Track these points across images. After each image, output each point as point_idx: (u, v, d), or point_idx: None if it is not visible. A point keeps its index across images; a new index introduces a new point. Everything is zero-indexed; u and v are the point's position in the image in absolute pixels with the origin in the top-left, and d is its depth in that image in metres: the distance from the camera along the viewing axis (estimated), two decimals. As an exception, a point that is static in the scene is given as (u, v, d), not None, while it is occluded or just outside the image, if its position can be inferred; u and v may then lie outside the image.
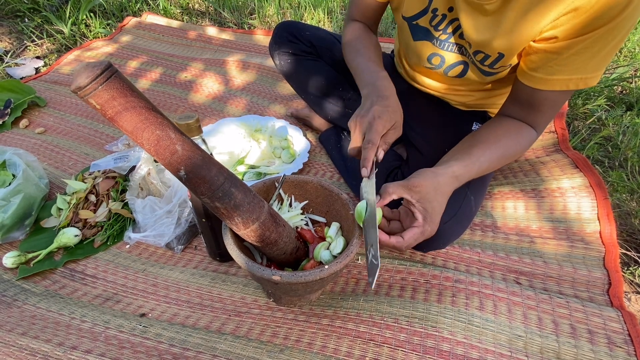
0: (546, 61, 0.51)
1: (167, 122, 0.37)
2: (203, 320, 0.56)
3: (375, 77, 0.62)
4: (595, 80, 0.51)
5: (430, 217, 0.50)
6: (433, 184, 0.51)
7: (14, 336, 0.53)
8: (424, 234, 0.51)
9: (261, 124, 0.97)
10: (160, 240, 0.68)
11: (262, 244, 0.48)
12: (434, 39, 0.64)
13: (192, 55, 1.33)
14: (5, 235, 0.68)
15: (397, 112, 0.56)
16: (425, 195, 0.50)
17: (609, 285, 0.61)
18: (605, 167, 0.90)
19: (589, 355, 0.51)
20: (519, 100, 0.58)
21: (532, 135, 0.59)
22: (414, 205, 0.50)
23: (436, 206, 0.51)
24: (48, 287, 0.63)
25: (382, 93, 0.58)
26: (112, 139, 0.97)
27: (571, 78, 0.51)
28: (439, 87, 0.73)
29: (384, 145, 0.53)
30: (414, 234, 0.50)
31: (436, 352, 0.50)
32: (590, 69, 0.50)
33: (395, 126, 0.55)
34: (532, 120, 0.58)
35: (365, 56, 0.68)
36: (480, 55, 0.58)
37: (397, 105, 0.57)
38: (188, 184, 0.40)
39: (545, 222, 0.72)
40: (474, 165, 0.56)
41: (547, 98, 0.55)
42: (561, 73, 0.51)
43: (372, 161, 0.50)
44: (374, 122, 0.52)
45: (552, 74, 0.52)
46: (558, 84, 0.52)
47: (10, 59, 1.33)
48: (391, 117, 0.54)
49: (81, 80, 0.32)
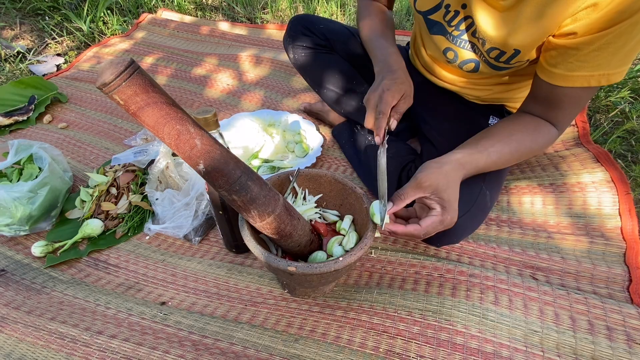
0: (566, 57, 0.50)
1: (186, 117, 0.38)
2: (220, 310, 0.58)
3: (385, 53, 0.66)
4: (619, 76, 0.49)
5: (448, 204, 0.49)
6: (442, 174, 0.50)
7: (43, 321, 0.56)
8: (444, 222, 0.49)
9: (275, 119, 0.97)
10: (178, 231, 0.70)
11: (278, 236, 0.49)
12: (447, 34, 0.63)
13: (207, 50, 1.35)
14: (33, 225, 0.72)
15: (405, 83, 0.60)
16: (437, 185, 0.49)
17: (630, 282, 0.60)
18: (628, 162, 0.87)
19: (606, 351, 0.50)
20: (538, 97, 0.57)
21: (551, 132, 0.57)
22: (429, 198, 0.50)
23: (452, 193, 0.50)
24: (74, 275, 0.66)
25: (391, 68, 0.62)
26: (130, 134, 1.00)
27: (593, 74, 0.49)
28: (455, 79, 0.72)
29: (395, 115, 0.58)
30: (432, 222, 0.49)
31: (450, 345, 0.51)
32: (614, 65, 0.48)
33: (404, 96, 0.59)
34: (553, 118, 0.57)
35: (377, 32, 0.72)
36: (496, 52, 0.57)
37: (406, 77, 0.61)
38: (206, 177, 0.41)
39: (563, 217, 0.71)
40: (481, 154, 0.55)
41: (567, 95, 0.53)
42: (582, 69, 0.49)
43: (384, 129, 0.56)
44: (383, 94, 0.57)
45: (572, 70, 0.50)
46: (579, 80, 0.50)
47: (33, 57, 1.37)
48: (400, 88, 0.58)
49: (106, 76, 0.33)
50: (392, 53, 0.66)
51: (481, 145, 0.56)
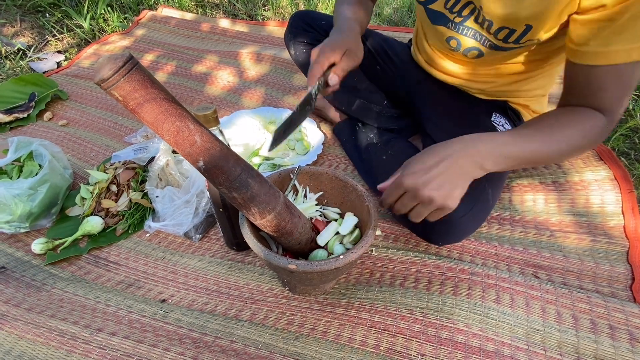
0: (599, 31, 0.44)
1: (186, 114, 0.38)
2: (221, 307, 0.58)
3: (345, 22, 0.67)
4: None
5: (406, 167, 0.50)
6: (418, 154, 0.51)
7: (44, 318, 0.56)
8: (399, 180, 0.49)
9: (275, 116, 0.97)
10: (178, 229, 0.70)
11: (278, 234, 0.49)
12: (449, 22, 0.62)
13: (207, 47, 1.34)
14: (33, 222, 0.72)
15: (349, 42, 0.61)
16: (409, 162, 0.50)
17: (633, 281, 0.59)
18: (632, 159, 0.87)
19: (609, 350, 0.50)
20: (575, 88, 0.50)
21: (598, 118, 0.49)
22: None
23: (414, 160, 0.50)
24: (74, 272, 0.66)
25: (341, 29, 0.65)
26: (131, 131, 1.00)
27: (633, 47, 0.43)
28: (458, 71, 0.71)
29: (337, 71, 0.59)
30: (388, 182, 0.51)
31: (451, 344, 0.50)
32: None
33: (347, 52, 0.60)
34: (599, 104, 0.48)
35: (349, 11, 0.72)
36: (505, 31, 0.54)
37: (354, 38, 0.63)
38: (206, 174, 0.41)
39: (566, 215, 0.71)
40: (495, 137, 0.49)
41: (608, 74, 0.46)
42: (620, 42, 0.43)
43: (315, 78, 0.58)
44: (323, 47, 0.60)
45: (608, 45, 0.44)
46: (618, 55, 0.44)
47: (33, 54, 1.37)
48: (341, 44, 0.60)
49: (104, 72, 0.33)
50: (350, 21, 0.67)
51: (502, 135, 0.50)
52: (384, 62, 0.88)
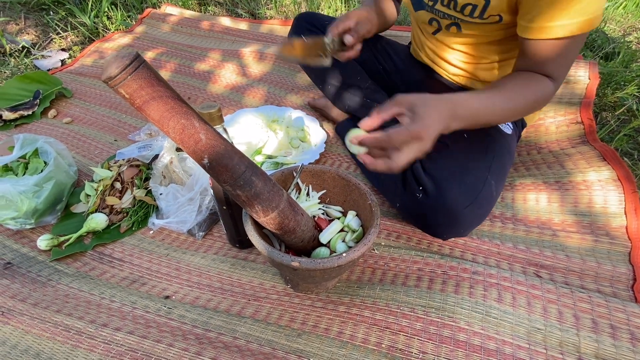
0: (542, 8, 0.49)
1: (191, 112, 0.38)
2: (224, 304, 0.59)
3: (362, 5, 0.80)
4: (599, 19, 0.49)
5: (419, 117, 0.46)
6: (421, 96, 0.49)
7: (49, 313, 0.57)
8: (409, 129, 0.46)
9: (278, 115, 0.97)
10: (182, 226, 0.70)
11: (281, 231, 0.49)
12: (426, 6, 0.67)
13: (210, 46, 1.35)
14: (38, 219, 0.72)
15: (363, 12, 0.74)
16: (414, 102, 0.48)
17: (634, 281, 0.59)
18: (635, 160, 0.86)
19: (610, 350, 0.50)
20: (526, 58, 0.56)
21: (547, 83, 0.56)
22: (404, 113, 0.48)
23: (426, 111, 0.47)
24: (79, 268, 0.67)
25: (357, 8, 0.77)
26: (135, 129, 1.00)
27: (572, 22, 0.49)
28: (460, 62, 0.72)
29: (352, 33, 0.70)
30: (398, 129, 0.46)
31: (452, 342, 0.51)
32: (593, 8, 0.47)
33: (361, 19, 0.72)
34: (546, 71, 0.56)
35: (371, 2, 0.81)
36: (468, 7, 0.58)
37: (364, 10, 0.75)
38: (211, 171, 0.41)
39: (568, 215, 0.71)
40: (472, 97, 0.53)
41: (553, 47, 0.52)
42: (561, 18, 0.49)
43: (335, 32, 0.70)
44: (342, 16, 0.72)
45: (552, 21, 0.49)
46: (560, 30, 0.50)
47: (37, 51, 1.38)
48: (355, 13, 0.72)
49: (111, 70, 0.33)
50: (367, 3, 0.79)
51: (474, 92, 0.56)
52: (385, 61, 0.88)
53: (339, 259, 0.46)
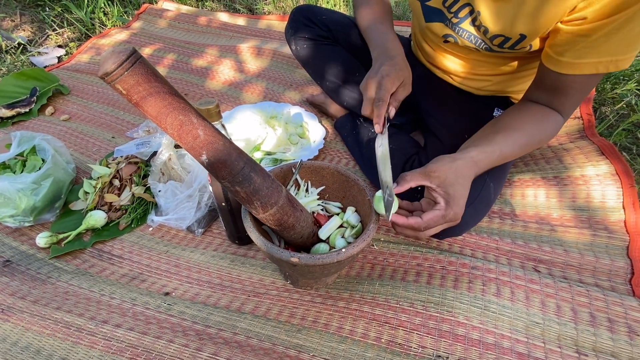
0: (574, 44, 0.49)
1: (189, 108, 0.38)
2: (223, 300, 0.59)
3: (384, 39, 0.66)
4: (627, 62, 0.48)
5: (453, 200, 0.48)
6: (452, 168, 0.49)
7: (49, 310, 0.57)
8: (446, 217, 0.48)
9: (277, 111, 0.97)
10: (181, 223, 0.70)
11: (280, 227, 0.49)
12: (446, 20, 0.62)
13: (207, 41, 1.34)
14: (37, 216, 0.72)
15: (404, 70, 0.59)
16: (445, 179, 0.48)
17: (632, 275, 0.60)
18: (633, 154, 0.87)
19: (607, 343, 0.50)
20: (544, 86, 0.56)
21: (558, 121, 0.57)
22: (435, 191, 0.49)
23: (459, 189, 0.48)
24: (78, 265, 0.67)
25: (390, 53, 0.62)
26: (133, 126, 1.00)
27: (601, 61, 0.48)
28: (458, 69, 0.71)
29: (394, 103, 0.57)
30: (434, 216, 0.48)
31: (451, 336, 0.51)
32: (622, 51, 0.47)
33: (404, 83, 0.58)
34: (559, 105, 0.56)
35: (375, 18, 0.71)
36: (500, 38, 0.56)
37: (405, 64, 0.61)
38: (209, 168, 0.41)
39: (567, 210, 0.71)
40: (495, 152, 0.54)
41: (575, 82, 0.52)
42: (590, 56, 0.49)
43: (383, 117, 0.55)
44: (382, 80, 0.56)
45: (580, 58, 0.49)
46: (587, 67, 0.50)
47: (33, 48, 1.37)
48: (399, 75, 0.58)
49: (108, 66, 0.33)
50: (391, 39, 0.65)
51: (495, 141, 0.55)
52: None
53: (338, 255, 0.46)
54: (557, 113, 0.57)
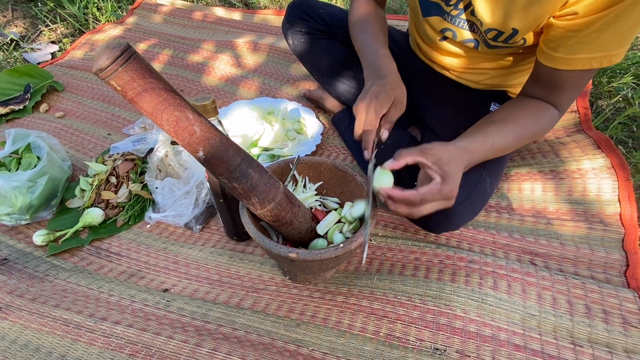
0: (566, 40, 0.49)
1: (185, 104, 0.37)
2: (222, 296, 0.59)
3: (374, 55, 0.63)
4: (619, 57, 0.48)
5: (449, 176, 0.47)
6: (446, 149, 0.49)
7: (48, 308, 0.57)
8: (442, 192, 0.47)
9: (274, 106, 0.96)
10: (179, 220, 0.70)
11: (278, 223, 0.49)
12: (445, 14, 0.62)
13: (203, 37, 1.32)
14: (34, 214, 0.72)
15: (395, 89, 0.57)
16: (441, 157, 0.48)
17: (627, 267, 0.60)
18: (629, 148, 0.87)
19: (602, 334, 0.51)
20: (540, 81, 0.56)
21: (554, 115, 0.58)
22: (431, 168, 0.48)
23: (453, 168, 0.48)
24: (76, 263, 0.67)
25: (379, 72, 0.59)
26: (129, 123, 0.99)
27: (594, 56, 0.49)
28: (455, 64, 0.71)
29: (386, 125, 0.55)
30: (430, 189, 0.46)
31: (449, 329, 0.52)
32: (615, 46, 0.47)
33: (395, 103, 0.56)
34: (555, 100, 0.57)
35: (368, 33, 0.68)
36: (493, 32, 0.56)
37: (396, 82, 0.58)
38: (206, 164, 0.41)
39: (563, 203, 0.71)
40: (487, 142, 0.54)
41: (569, 77, 0.53)
42: (583, 52, 0.49)
43: (372, 143, 0.53)
44: (371, 104, 0.54)
45: (573, 53, 0.49)
46: (580, 63, 0.50)
47: (26, 44, 1.35)
48: (389, 95, 0.55)
49: (102, 61, 0.32)
50: (382, 55, 0.63)
51: (486, 132, 0.55)
52: None
53: (336, 250, 0.46)
54: (553, 107, 0.57)
